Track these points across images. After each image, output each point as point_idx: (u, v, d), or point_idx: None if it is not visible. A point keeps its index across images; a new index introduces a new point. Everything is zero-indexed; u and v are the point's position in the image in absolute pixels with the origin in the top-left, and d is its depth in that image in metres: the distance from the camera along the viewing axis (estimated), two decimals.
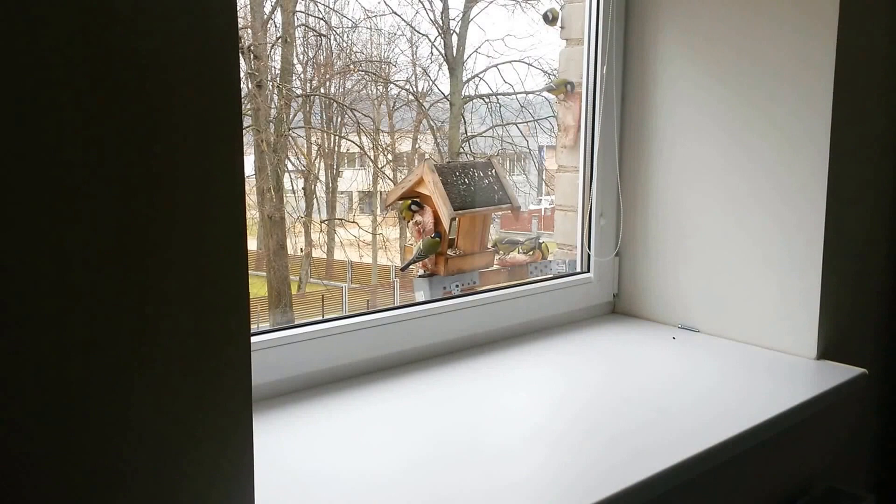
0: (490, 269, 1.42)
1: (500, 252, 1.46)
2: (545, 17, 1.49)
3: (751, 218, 1.30)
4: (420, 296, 1.34)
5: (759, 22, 1.25)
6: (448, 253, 1.33)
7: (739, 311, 1.33)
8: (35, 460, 0.52)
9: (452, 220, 1.32)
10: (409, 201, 1.34)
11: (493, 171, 1.38)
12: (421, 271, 1.33)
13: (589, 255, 1.46)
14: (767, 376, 1.18)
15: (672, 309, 1.42)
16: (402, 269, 1.33)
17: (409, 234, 1.36)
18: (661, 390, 1.12)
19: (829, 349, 1.27)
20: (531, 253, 1.48)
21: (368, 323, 1.14)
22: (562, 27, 1.42)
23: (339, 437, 0.94)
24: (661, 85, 1.39)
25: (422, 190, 1.33)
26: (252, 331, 1.05)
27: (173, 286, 0.57)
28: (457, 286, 1.34)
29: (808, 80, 1.21)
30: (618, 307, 1.51)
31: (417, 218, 1.32)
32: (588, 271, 1.46)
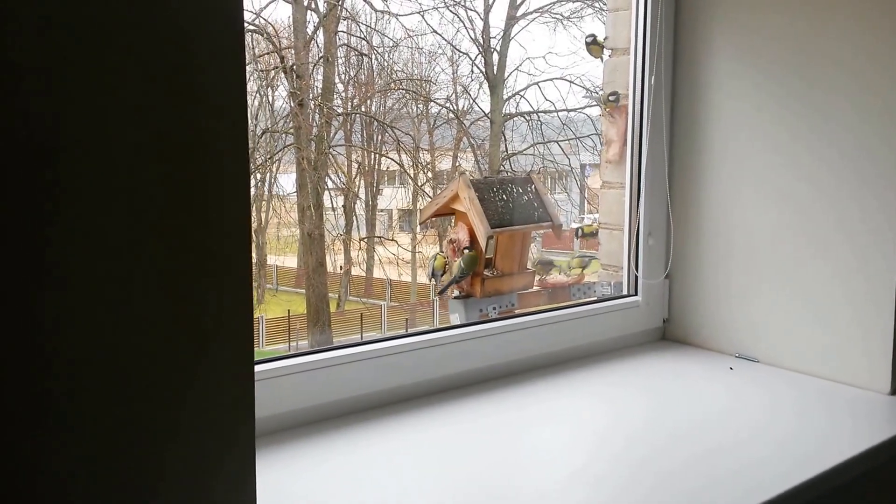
0: (530, 290, 1.34)
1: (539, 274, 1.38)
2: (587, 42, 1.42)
3: (816, 237, 1.20)
4: (455, 318, 1.27)
5: (826, 18, 1.15)
6: (485, 273, 1.27)
7: (802, 339, 1.22)
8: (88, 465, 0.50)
9: (490, 238, 1.25)
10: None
11: (533, 187, 1.31)
12: (456, 293, 1.27)
13: (637, 277, 1.37)
14: (836, 413, 1.07)
15: (728, 336, 1.32)
16: (440, 294, 1.27)
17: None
18: (716, 427, 1.03)
19: None
20: (575, 273, 1.40)
21: (399, 348, 1.08)
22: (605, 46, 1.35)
23: (363, 471, 0.88)
24: (714, 94, 1.30)
25: (457, 206, 1.27)
26: (285, 353, 1.02)
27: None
28: (494, 309, 1.27)
29: (883, 82, 1.10)
30: (668, 333, 1.42)
31: (452, 236, 1.26)
32: (636, 294, 1.38)
